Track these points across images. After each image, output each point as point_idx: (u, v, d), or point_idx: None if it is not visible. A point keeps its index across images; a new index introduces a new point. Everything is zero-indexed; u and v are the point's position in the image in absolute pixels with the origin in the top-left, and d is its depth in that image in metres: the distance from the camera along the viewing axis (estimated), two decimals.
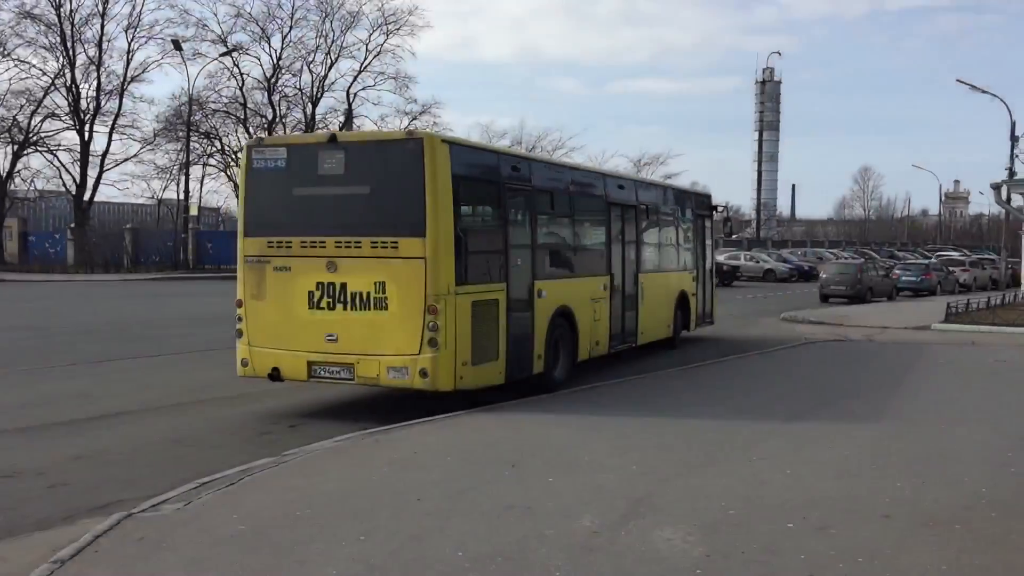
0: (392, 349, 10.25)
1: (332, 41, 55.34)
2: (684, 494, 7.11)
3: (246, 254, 10.99)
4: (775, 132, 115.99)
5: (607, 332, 14.51)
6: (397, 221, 10.38)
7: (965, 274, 44.75)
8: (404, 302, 10.18)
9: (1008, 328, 21.87)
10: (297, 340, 10.64)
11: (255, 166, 11.02)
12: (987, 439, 9.33)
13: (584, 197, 14.24)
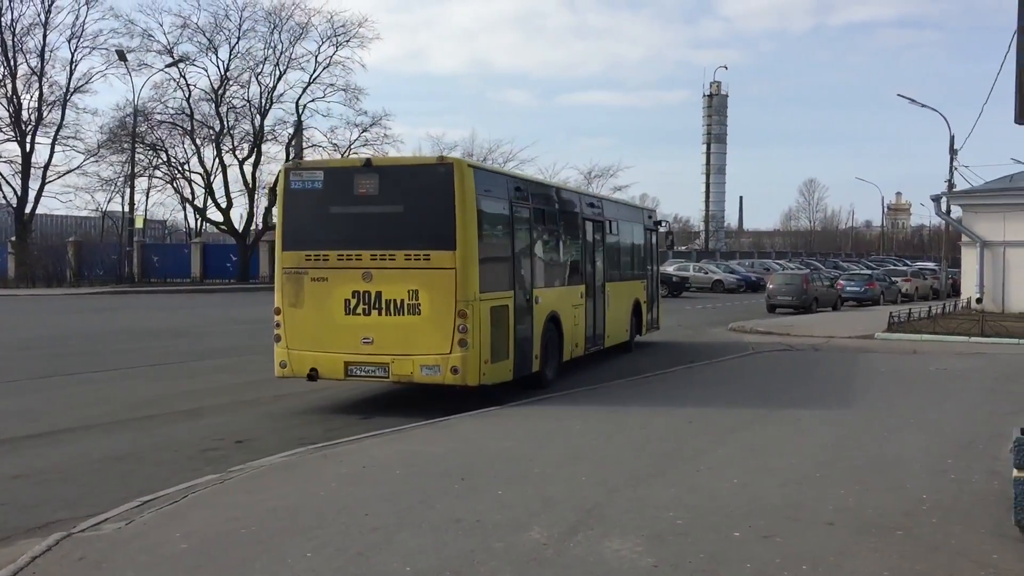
0: (425, 349, 11.49)
1: (281, 52, 54.85)
2: (633, 504, 7.13)
3: (284, 266, 12.15)
4: (723, 145, 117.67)
5: (583, 335, 16.05)
6: (429, 236, 11.67)
7: (907, 284, 45.70)
8: (436, 307, 11.46)
9: (948, 337, 22.37)
10: (334, 343, 11.84)
11: (292, 187, 12.20)
12: (928, 445, 9.52)
13: (567, 213, 15.83)
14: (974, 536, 6.30)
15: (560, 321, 14.56)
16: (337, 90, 56.00)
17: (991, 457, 8.80)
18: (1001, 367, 16.61)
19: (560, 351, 14.66)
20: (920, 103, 41.78)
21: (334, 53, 55.37)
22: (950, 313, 29.59)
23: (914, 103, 41.89)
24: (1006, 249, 31.60)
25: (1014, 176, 33.81)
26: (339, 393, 13.62)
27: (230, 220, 55.32)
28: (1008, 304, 31.15)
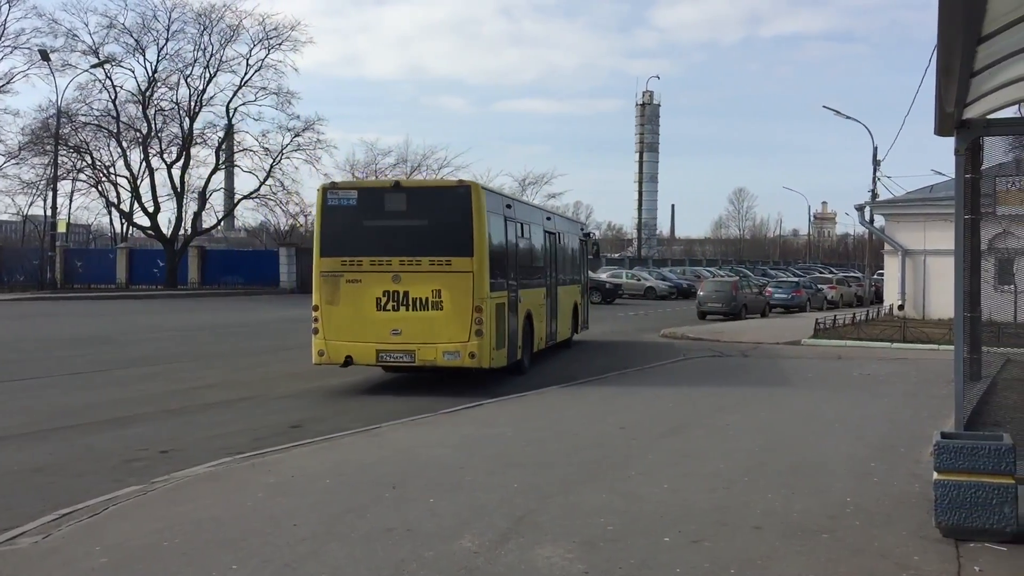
0: (446, 338, 13.86)
1: (211, 55, 53.90)
2: (564, 511, 7.14)
3: (322, 270, 14.35)
4: (655, 153, 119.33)
5: (546, 331, 18.59)
6: (450, 245, 14.03)
7: (833, 291, 46.77)
8: (456, 304, 13.86)
9: (871, 342, 22.97)
10: (367, 334, 14.06)
11: (329, 203, 14.46)
12: (852, 450, 9.73)
13: (535, 225, 18.46)
14: (896, 538, 6.45)
15: (533, 318, 17.18)
16: (269, 94, 55.25)
17: (913, 460, 9.04)
18: (922, 372, 17.08)
19: (532, 343, 17.17)
20: (845, 115, 42.83)
21: (266, 56, 54.68)
22: (873, 319, 30.40)
23: (839, 115, 42.94)
24: (926, 257, 32.55)
25: (934, 186, 34.85)
26: (270, 402, 13.42)
27: (158, 225, 54.17)
28: (928, 311, 32.09)
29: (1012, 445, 6.35)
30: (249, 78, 54.82)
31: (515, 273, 16.01)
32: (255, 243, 69.85)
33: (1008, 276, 22.02)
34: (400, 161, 65.86)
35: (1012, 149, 31.83)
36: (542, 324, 18.09)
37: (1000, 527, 6.24)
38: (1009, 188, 8.79)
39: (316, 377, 16.04)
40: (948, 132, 6.99)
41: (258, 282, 50.85)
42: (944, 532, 6.38)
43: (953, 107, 6.34)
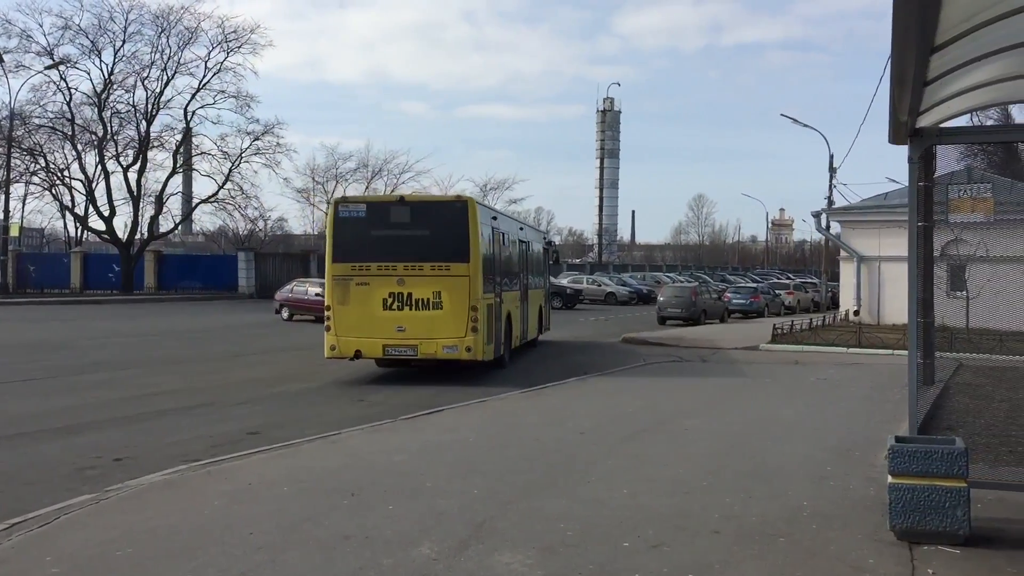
0: (445, 334, 15.65)
1: (168, 57, 53.27)
2: (524, 517, 7.13)
3: (333, 275, 16.03)
4: (616, 160, 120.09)
5: (520, 331, 20.54)
6: (449, 252, 15.82)
7: (790, 297, 47.34)
8: (454, 304, 15.65)
9: (828, 348, 23.25)
10: (374, 331, 15.81)
11: (341, 215, 16.25)
12: (809, 453, 9.84)
13: (512, 235, 20.28)
14: (852, 542, 6.52)
15: (512, 318, 19.12)
16: (228, 97, 54.75)
17: (868, 464, 9.16)
18: (877, 376, 17.32)
19: (511, 341, 19.04)
20: (802, 123, 43.63)
21: (225, 59, 54.19)
22: (830, 325, 30.78)
23: (797, 123, 43.66)
24: (881, 264, 33.06)
25: (889, 194, 35.41)
26: (228, 408, 13.26)
27: (113, 229, 53.32)
28: (883, 316, 32.58)
29: (964, 449, 6.46)
30: (207, 81, 54.31)
31: (499, 278, 18.01)
32: (213, 248, 69.09)
33: (960, 282, 22.40)
34: (361, 166, 65.80)
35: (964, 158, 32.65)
36: (518, 324, 20.19)
37: (953, 530, 6.34)
38: (961, 196, 8.94)
39: (275, 383, 15.90)
40: (902, 141, 7.10)
41: (217, 287, 50.32)
42: (898, 535, 6.46)
43: (907, 116, 6.44)
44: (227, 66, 54.24)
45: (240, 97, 54.56)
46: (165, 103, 54.23)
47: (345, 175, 65.27)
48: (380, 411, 12.72)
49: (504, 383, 15.87)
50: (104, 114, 52.21)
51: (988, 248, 22.32)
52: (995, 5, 5.06)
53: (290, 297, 33.03)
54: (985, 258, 22.46)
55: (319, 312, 31.30)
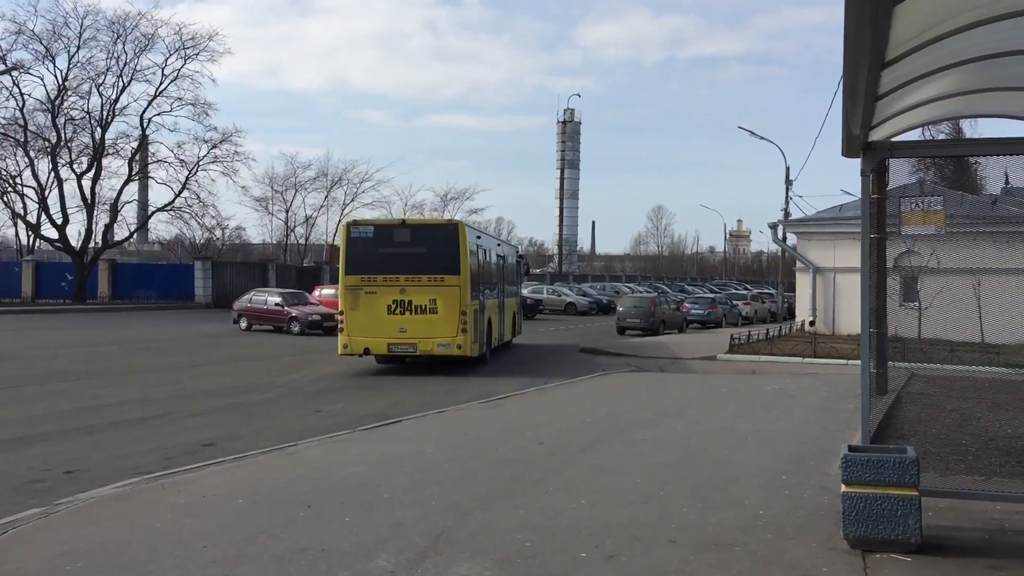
0: (440, 334, 18.76)
1: (124, 63, 52.51)
2: (482, 528, 7.11)
3: (346, 285, 19.21)
4: (576, 170, 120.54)
5: (499, 332, 23.56)
6: (443, 266, 18.87)
7: (747, 307, 47.83)
8: (447, 309, 18.73)
9: (784, 357, 23.53)
10: (380, 332, 18.91)
11: (352, 235, 19.39)
12: (765, 462, 9.92)
13: (492, 251, 23.64)
14: (806, 550, 6.58)
15: (491, 321, 22.01)
16: (185, 104, 54.06)
17: (822, 473, 9.26)
18: (831, 386, 17.54)
19: (491, 341, 22.05)
20: (759, 135, 44.15)
21: (182, 66, 53.53)
22: (786, 335, 31.16)
23: (754, 135, 44.14)
24: (836, 275, 33.51)
25: (843, 206, 35.95)
26: (182, 420, 13.08)
27: (66, 237, 52.40)
28: (838, 326, 33.01)
29: (916, 458, 6.56)
30: (164, 88, 53.64)
31: (482, 287, 21.01)
32: (170, 257, 68.22)
33: (913, 293, 22.82)
34: (320, 174, 65.48)
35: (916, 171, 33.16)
36: (497, 327, 23.27)
37: (905, 538, 6.42)
38: (913, 209, 9.10)
39: (232, 394, 15.73)
40: (855, 154, 7.21)
41: (172, 296, 49.65)
42: (852, 543, 6.54)
43: (859, 130, 6.55)
44: (184, 73, 53.65)
45: (198, 104, 53.98)
46: (121, 110, 53.47)
47: (304, 184, 64.92)
48: (337, 422, 12.63)
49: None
50: (58, 120, 51.32)
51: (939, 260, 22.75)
52: (942, 23, 5.17)
53: (249, 307, 32.67)
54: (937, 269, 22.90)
55: (279, 322, 31.33)
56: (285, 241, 65.38)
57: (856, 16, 4.27)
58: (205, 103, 54.33)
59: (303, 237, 65.65)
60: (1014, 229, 27.87)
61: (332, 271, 56.19)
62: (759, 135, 43.39)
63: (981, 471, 9.07)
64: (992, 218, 27.22)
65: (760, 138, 44.02)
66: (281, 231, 65.76)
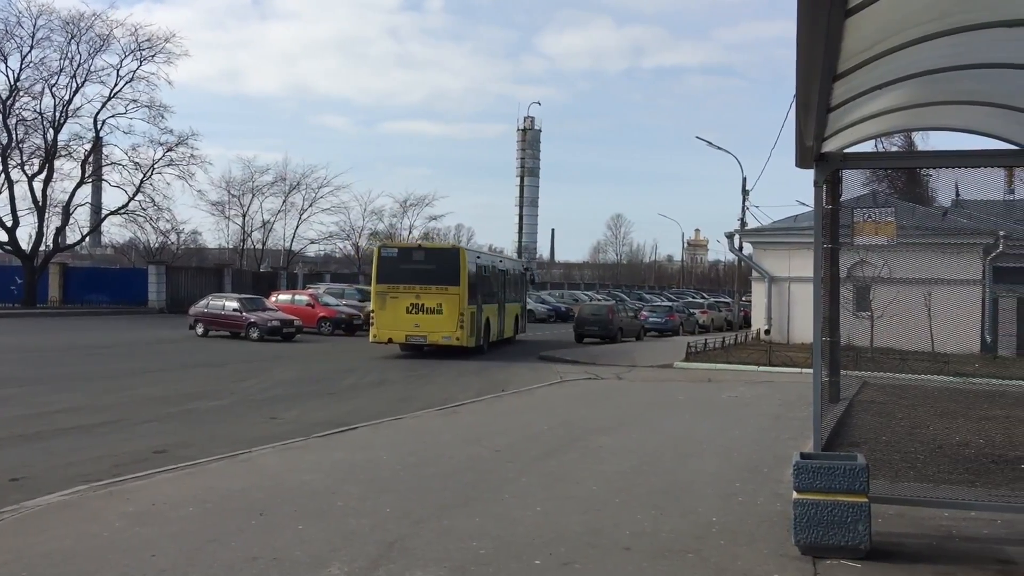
0: (444, 330, 25.21)
1: (78, 64, 51.51)
2: (437, 536, 7.07)
3: (377, 291, 26.06)
4: (536, 178, 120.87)
5: (498, 329, 30.10)
6: (447, 279, 25.39)
7: (704, 316, 48.25)
8: (449, 311, 25.21)
9: (739, 366, 23.75)
10: (400, 326, 25.42)
11: (382, 255, 26.41)
12: (719, 470, 10.00)
13: (491, 267, 30.49)
14: (758, 557, 6.64)
15: (489, 321, 28.71)
16: (140, 106, 53.10)
17: (775, 480, 9.36)
18: (786, 394, 17.73)
19: (490, 335, 28.72)
20: (717, 146, 44.49)
21: (138, 68, 52.57)
22: (742, 343, 31.45)
23: (711, 145, 44.51)
24: (791, 284, 33.91)
25: (798, 216, 36.40)
26: (133, 427, 12.85)
27: (16, 240, 51.25)
28: (792, 335, 33.40)
29: (866, 465, 6.65)
30: (119, 90, 52.69)
31: (480, 295, 27.52)
32: (123, 261, 67.11)
33: (865, 303, 23.20)
34: (278, 179, 64.80)
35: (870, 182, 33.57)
36: (496, 325, 29.73)
37: (855, 544, 6.51)
38: (865, 219, 9.24)
39: (185, 400, 15.51)
40: (808, 164, 7.30)
41: (125, 301, 48.78)
42: (803, 550, 6.61)
43: (812, 141, 6.63)
44: (140, 75, 52.71)
45: (153, 107, 53.06)
46: (74, 111, 52.39)
47: (262, 188, 64.22)
48: (292, 429, 12.51)
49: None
50: (9, 121, 50.22)
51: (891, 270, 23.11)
52: (892, 36, 5.26)
53: (205, 312, 32.19)
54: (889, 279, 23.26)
55: (236, 328, 31.01)
56: (242, 246, 64.62)
57: (808, 28, 4.33)
58: (161, 105, 53.47)
59: (260, 242, 64.94)
60: (964, 240, 28.49)
61: (290, 277, 55.79)
62: (717, 146, 43.79)
63: (930, 478, 9.24)
64: (942, 229, 27.82)
65: (718, 148, 44.46)
66: (238, 236, 65.01)
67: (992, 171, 8.21)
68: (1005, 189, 26.62)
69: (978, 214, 30.51)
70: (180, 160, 53.67)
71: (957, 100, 7.19)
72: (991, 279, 29.46)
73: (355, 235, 71.83)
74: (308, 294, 38.40)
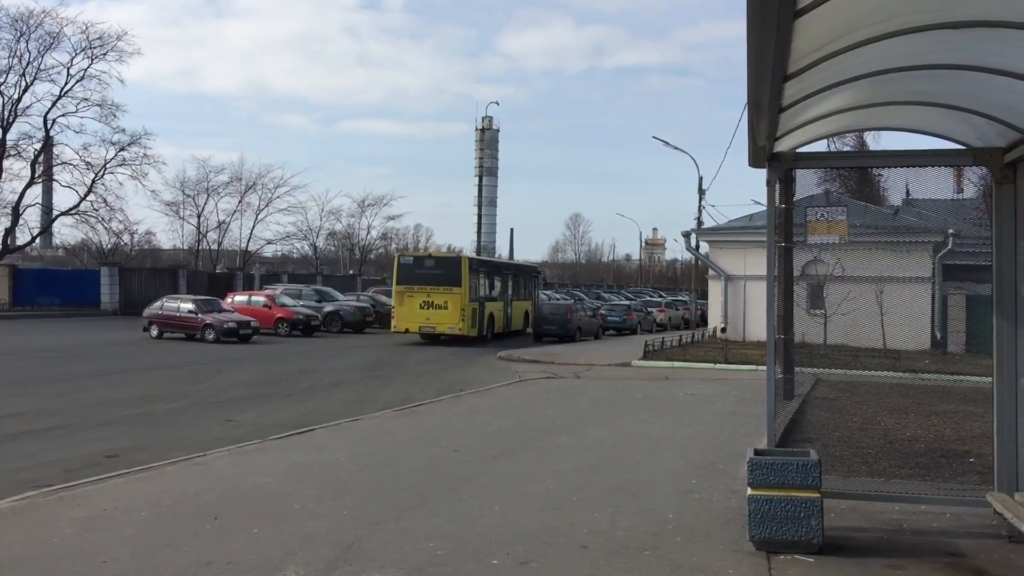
0: (450, 322, 31.86)
1: (28, 62, 50.53)
2: (394, 537, 7.04)
3: (396, 291, 32.82)
4: (494, 178, 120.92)
5: (504, 323, 36.47)
6: (451, 282, 32.00)
7: (661, 314, 48.60)
8: (454, 307, 31.89)
9: (696, 364, 23.97)
10: (415, 319, 32.19)
11: (401, 262, 33.80)
12: (675, 467, 10.08)
13: (495, 271, 37.25)
14: (713, 553, 6.70)
15: (494, 316, 35.04)
16: (92, 105, 52.22)
17: (730, 477, 9.45)
18: (742, 391, 17.93)
19: (493, 328, 34.79)
20: (673, 146, 45.09)
21: (89, 66, 51.68)
22: (699, 341, 31.75)
23: (668, 145, 45.04)
24: (746, 283, 34.29)
25: (753, 215, 36.83)
26: (86, 431, 12.63)
27: None
28: (748, 333, 33.77)
29: (818, 460, 6.74)
30: (70, 88, 51.74)
31: (483, 294, 34.34)
32: (75, 262, 65.89)
33: (819, 301, 23.54)
34: (234, 179, 64.05)
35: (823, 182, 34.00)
36: (501, 320, 35.98)
37: (808, 539, 6.59)
38: (818, 218, 9.37)
39: (139, 403, 15.28)
40: (761, 164, 7.39)
41: (77, 303, 47.91)
42: (757, 545, 6.68)
43: (764, 140, 6.71)
44: (91, 73, 51.81)
45: (105, 106, 52.19)
46: (23, 110, 51.32)
47: (217, 188, 63.44)
48: (248, 431, 12.38)
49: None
50: None
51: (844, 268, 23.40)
52: (842, 37, 5.33)
53: (160, 314, 31.69)
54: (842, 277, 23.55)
55: (192, 329, 30.64)
56: (197, 247, 63.77)
57: (758, 28, 4.37)
58: (113, 104, 52.60)
59: (216, 243, 64.16)
60: (914, 239, 29.01)
61: (246, 278, 55.17)
62: (673, 145, 44.31)
63: (881, 473, 9.39)
64: (893, 228, 28.30)
65: (675, 148, 44.84)
66: (193, 237, 64.13)
67: (941, 171, 8.39)
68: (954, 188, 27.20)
69: (928, 213, 31.09)
70: (133, 160, 52.94)
71: (907, 101, 7.31)
72: (941, 277, 30.06)
73: (313, 235, 71.40)
74: (265, 295, 37.94)
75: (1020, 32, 5.04)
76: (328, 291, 44.62)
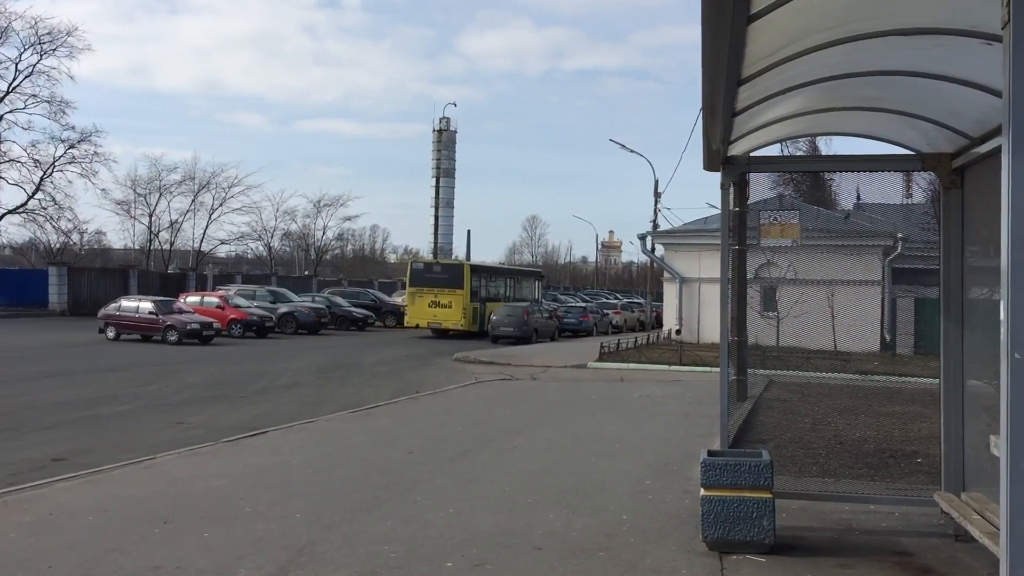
0: (454, 319, 38.85)
1: None
2: (347, 540, 6.98)
3: (410, 292, 40.03)
4: (451, 179, 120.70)
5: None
6: (455, 285, 39.11)
7: (617, 316, 48.87)
8: (457, 307, 38.92)
9: (651, 365, 24.13)
10: (425, 317, 39.15)
11: (414, 267, 41.60)
12: (630, 469, 10.13)
13: (495, 274, 47.92)
14: (667, 553, 6.74)
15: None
16: (41, 102, 51.31)
17: (685, 477, 9.52)
18: (696, 393, 18.07)
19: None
20: (629, 149, 45.28)
21: (38, 62, 50.80)
22: (654, 343, 31.97)
23: (624, 148, 45.23)
24: (701, 285, 34.62)
25: (708, 218, 37.18)
26: (31, 434, 12.36)
27: None
28: (703, 335, 34.08)
29: (770, 461, 6.81)
30: (18, 84, 50.79)
31: (483, 295, 40.47)
32: (22, 262, 64.55)
33: (772, 303, 23.83)
34: (187, 178, 63.24)
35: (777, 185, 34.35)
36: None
37: (760, 539, 6.66)
38: (771, 221, 9.49)
39: (87, 406, 15.00)
40: (715, 167, 7.45)
41: (24, 304, 46.95)
42: (710, 546, 6.73)
43: (718, 144, 6.76)
44: (40, 69, 50.92)
45: (54, 102, 51.37)
46: None
47: (170, 188, 62.57)
48: (200, 434, 12.21)
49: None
50: None
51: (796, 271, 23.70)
52: (794, 43, 5.40)
53: (117, 315, 31.05)
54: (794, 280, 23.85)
55: (152, 331, 30.17)
56: (148, 247, 62.78)
57: (712, 33, 4.40)
58: (62, 101, 51.80)
59: (168, 243, 63.22)
60: (864, 243, 29.49)
61: (199, 278, 54.43)
62: (630, 148, 44.53)
63: (832, 473, 9.52)
64: (845, 232, 28.74)
65: (631, 151, 45.08)
66: (144, 236, 63.14)
67: (891, 175, 8.51)
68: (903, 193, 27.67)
69: (878, 217, 31.62)
70: (83, 157, 52.22)
71: (858, 106, 7.42)
72: (890, 280, 30.58)
73: (267, 236, 70.75)
74: (218, 296, 37.47)
75: (967, 39, 5.13)
76: (283, 292, 44.25)
